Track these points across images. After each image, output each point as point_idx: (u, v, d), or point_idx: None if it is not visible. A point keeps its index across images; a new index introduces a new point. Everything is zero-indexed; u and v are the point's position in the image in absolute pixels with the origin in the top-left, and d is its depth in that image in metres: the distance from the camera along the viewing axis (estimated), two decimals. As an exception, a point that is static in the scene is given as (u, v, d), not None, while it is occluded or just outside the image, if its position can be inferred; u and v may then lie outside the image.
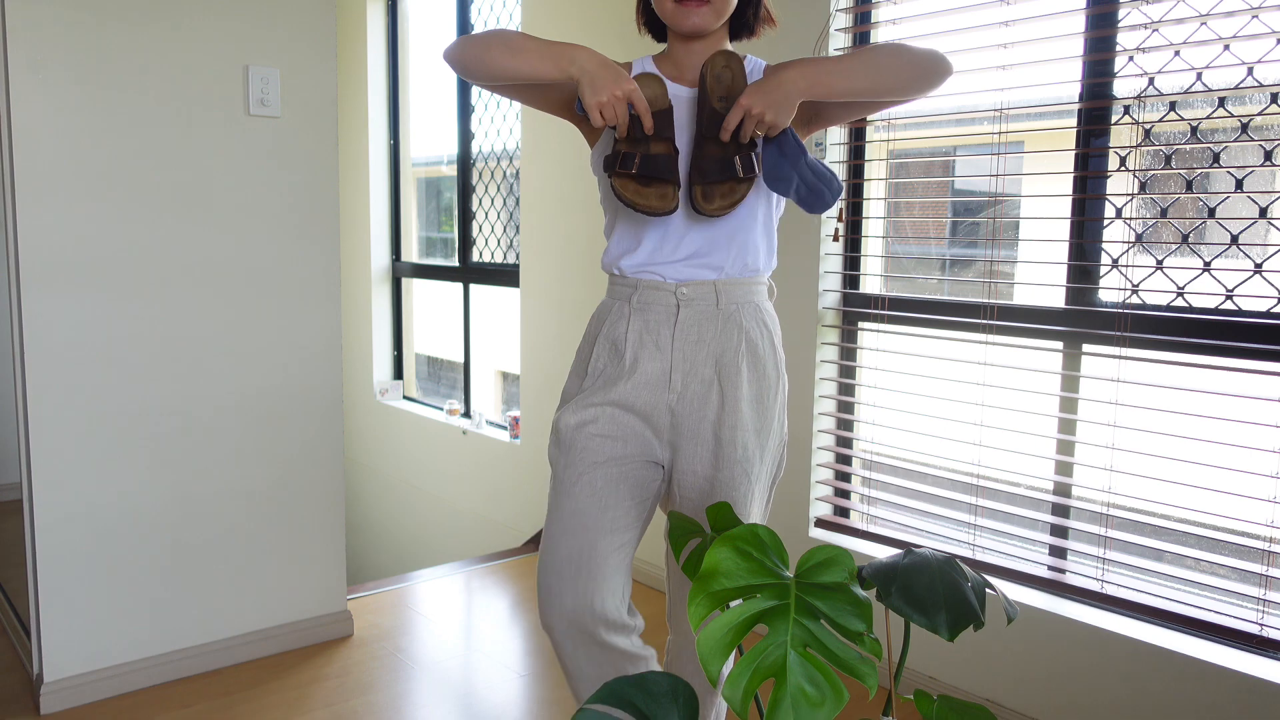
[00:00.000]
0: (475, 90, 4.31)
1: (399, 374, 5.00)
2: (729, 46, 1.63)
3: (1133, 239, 2.17)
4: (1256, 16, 1.94)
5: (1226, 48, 1.99)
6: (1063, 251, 2.28)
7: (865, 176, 2.66)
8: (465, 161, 4.39)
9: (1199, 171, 2.08)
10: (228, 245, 2.55)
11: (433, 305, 4.92)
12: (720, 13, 1.57)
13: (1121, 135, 2.18)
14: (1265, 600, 2.01)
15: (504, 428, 4.20)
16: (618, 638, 1.60)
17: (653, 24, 1.66)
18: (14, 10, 2.21)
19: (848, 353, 2.75)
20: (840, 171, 2.68)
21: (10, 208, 2.26)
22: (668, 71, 1.63)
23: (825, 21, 2.61)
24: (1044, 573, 2.33)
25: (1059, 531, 2.34)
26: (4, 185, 2.30)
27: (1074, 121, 2.25)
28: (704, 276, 1.60)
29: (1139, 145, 2.15)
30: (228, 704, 2.45)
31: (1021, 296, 2.39)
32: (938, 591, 1.25)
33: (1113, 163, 2.20)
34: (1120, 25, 2.14)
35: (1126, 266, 2.18)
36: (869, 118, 2.62)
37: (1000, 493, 2.44)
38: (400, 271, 4.91)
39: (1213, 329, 2.04)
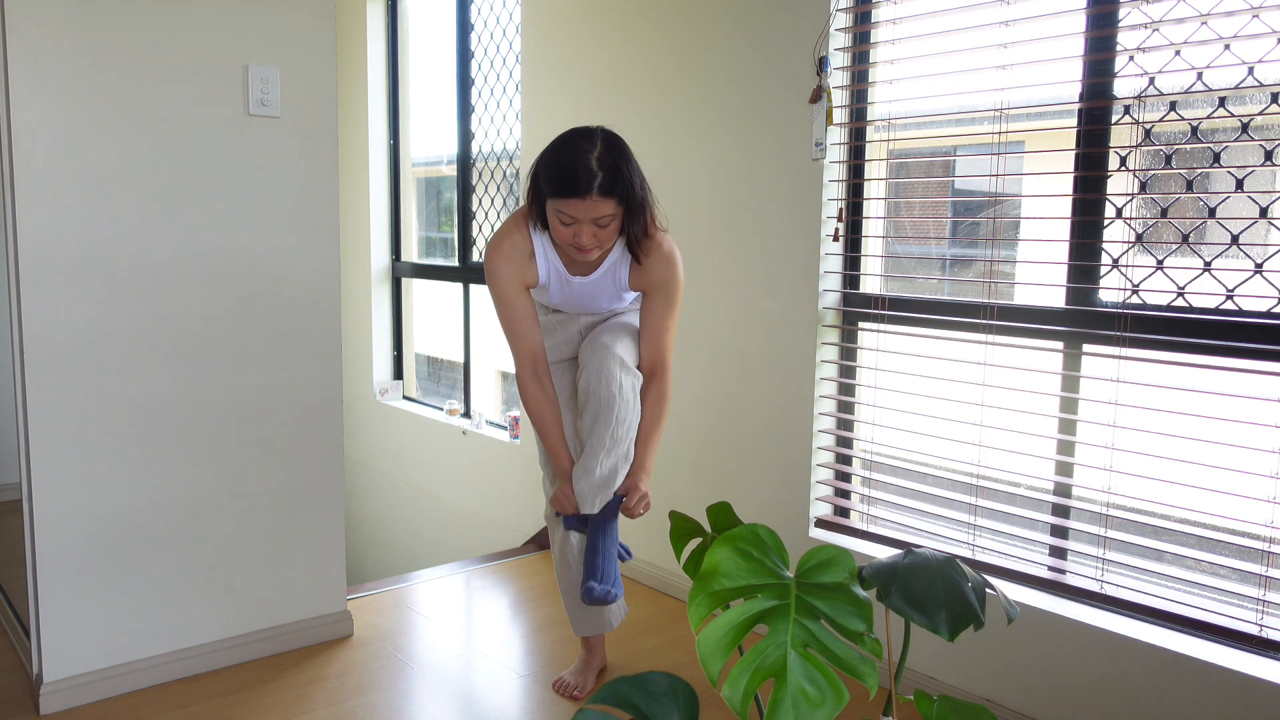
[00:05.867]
0: (475, 90, 4.31)
1: (399, 374, 5.00)
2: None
3: (1133, 239, 2.17)
4: (1257, 16, 1.94)
5: (1227, 47, 1.99)
6: (1063, 251, 2.28)
7: (865, 176, 2.66)
8: (465, 161, 4.39)
9: (1199, 171, 2.08)
10: (227, 245, 2.55)
11: (433, 305, 4.92)
12: (604, 255, 2.17)
13: (1121, 135, 2.18)
14: (1265, 600, 2.01)
15: (504, 428, 4.20)
16: None
17: (538, 212, 2.13)
18: (14, 10, 2.21)
19: (848, 353, 2.75)
20: (840, 172, 2.69)
21: (10, 208, 2.26)
22: (563, 259, 2.19)
23: (825, 21, 2.61)
24: (1044, 573, 2.33)
25: (1059, 532, 2.34)
26: (4, 185, 2.29)
27: (1074, 121, 2.25)
28: None
29: (1139, 145, 2.15)
30: (228, 704, 2.45)
31: (1022, 296, 2.39)
32: (938, 591, 1.25)
33: (1113, 163, 2.20)
34: (1120, 25, 2.14)
35: (1127, 266, 2.18)
36: (870, 118, 2.62)
37: (1000, 493, 2.44)
38: (400, 271, 4.91)
39: (1213, 329, 2.04)
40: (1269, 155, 1.97)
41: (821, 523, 2.80)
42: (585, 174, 1.97)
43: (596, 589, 2.20)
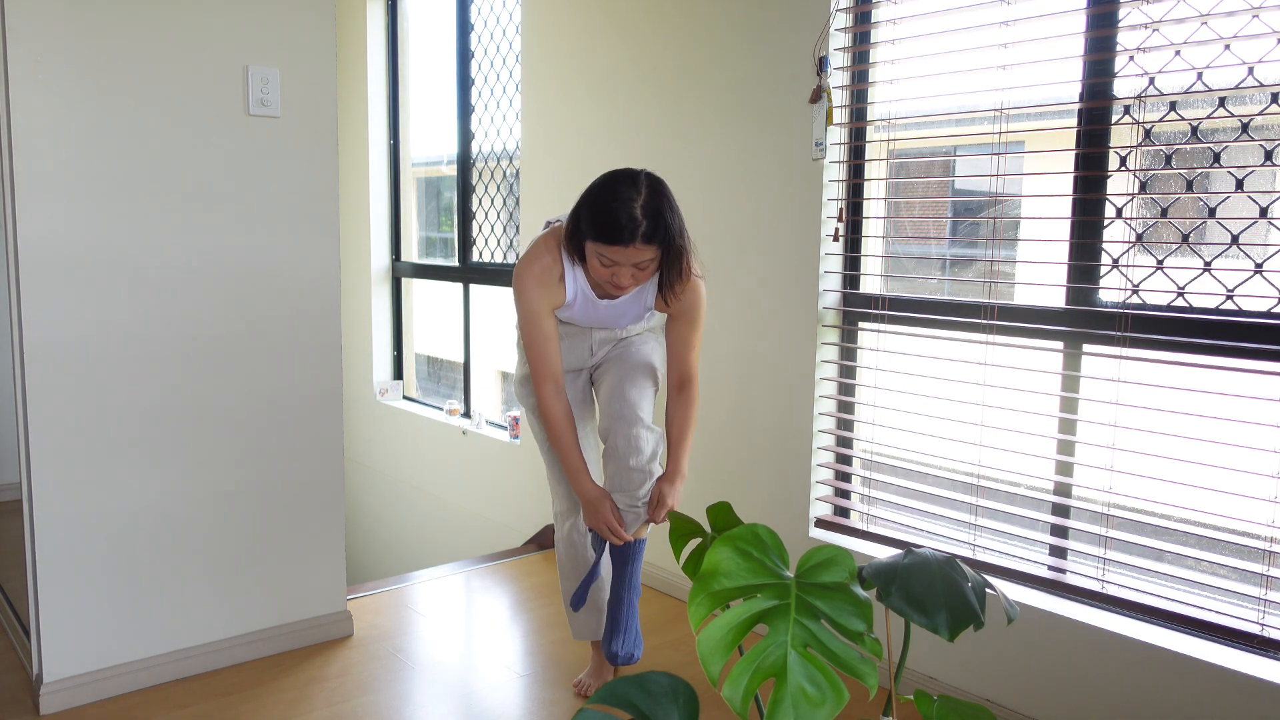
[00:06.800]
0: (475, 90, 4.31)
1: (399, 374, 5.00)
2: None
3: (1133, 239, 2.17)
4: (1257, 16, 1.94)
5: (1227, 47, 1.99)
6: (1063, 251, 2.28)
7: (865, 176, 2.66)
8: (465, 161, 4.39)
9: (1199, 171, 2.08)
10: (227, 245, 2.55)
11: (433, 305, 4.92)
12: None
13: (1122, 135, 2.18)
14: (1265, 600, 2.01)
15: (504, 428, 4.20)
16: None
17: (576, 248, 2.13)
18: (14, 10, 2.21)
19: (848, 353, 2.75)
20: (840, 172, 2.69)
21: (10, 208, 2.26)
22: (591, 282, 2.20)
23: (825, 21, 2.60)
24: (1044, 573, 2.33)
25: (1059, 531, 2.34)
26: (4, 185, 2.29)
27: (1074, 121, 2.25)
28: None
29: (1139, 145, 2.15)
30: (228, 704, 2.45)
31: (1022, 296, 2.39)
32: (938, 591, 1.25)
33: (1113, 163, 2.20)
34: (1120, 25, 2.14)
35: (1127, 266, 2.18)
36: (869, 118, 2.62)
37: (1000, 493, 2.44)
38: (400, 271, 4.91)
39: (1213, 329, 2.04)
40: (1269, 155, 1.97)
41: (821, 523, 2.80)
42: (629, 223, 1.99)
43: (620, 654, 2.29)
